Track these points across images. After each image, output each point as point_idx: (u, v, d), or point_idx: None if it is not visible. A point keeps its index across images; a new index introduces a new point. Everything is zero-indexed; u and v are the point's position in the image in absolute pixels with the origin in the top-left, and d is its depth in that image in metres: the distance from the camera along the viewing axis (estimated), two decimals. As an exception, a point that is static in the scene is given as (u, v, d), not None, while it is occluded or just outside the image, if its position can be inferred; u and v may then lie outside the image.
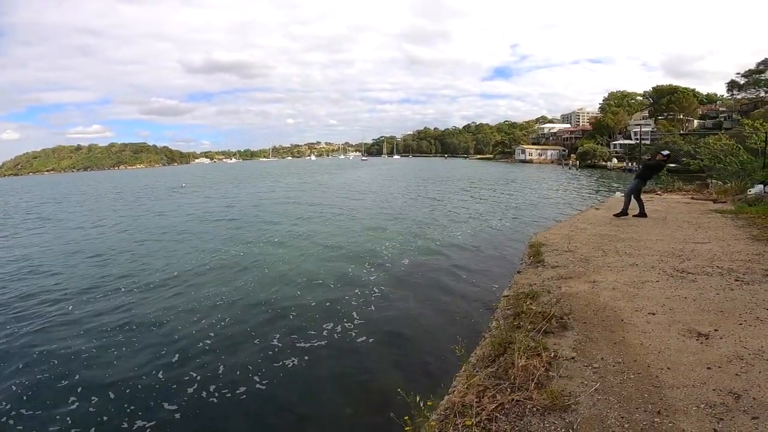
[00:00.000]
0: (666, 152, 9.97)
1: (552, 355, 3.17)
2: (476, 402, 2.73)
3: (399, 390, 3.32)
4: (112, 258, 10.90)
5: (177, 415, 4.21)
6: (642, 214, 8.99)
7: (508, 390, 2.80)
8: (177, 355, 5.43)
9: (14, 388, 4.81)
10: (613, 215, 9.12)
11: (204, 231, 14.77)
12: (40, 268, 10.10)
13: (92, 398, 4.59)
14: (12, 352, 5.70)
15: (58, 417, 4.30)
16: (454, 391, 3.10)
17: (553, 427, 2.36)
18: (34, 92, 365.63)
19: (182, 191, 34.84)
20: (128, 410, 4.34)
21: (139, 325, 6.50)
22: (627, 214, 9.02)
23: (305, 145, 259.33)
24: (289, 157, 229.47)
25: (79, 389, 4.73)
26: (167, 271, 9.36)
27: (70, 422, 4.22)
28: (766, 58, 27.56)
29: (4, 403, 4.46)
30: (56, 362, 5.39)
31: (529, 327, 3.68)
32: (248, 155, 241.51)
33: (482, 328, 4.94)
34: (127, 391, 4.69)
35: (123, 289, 8.24)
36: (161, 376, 4.93)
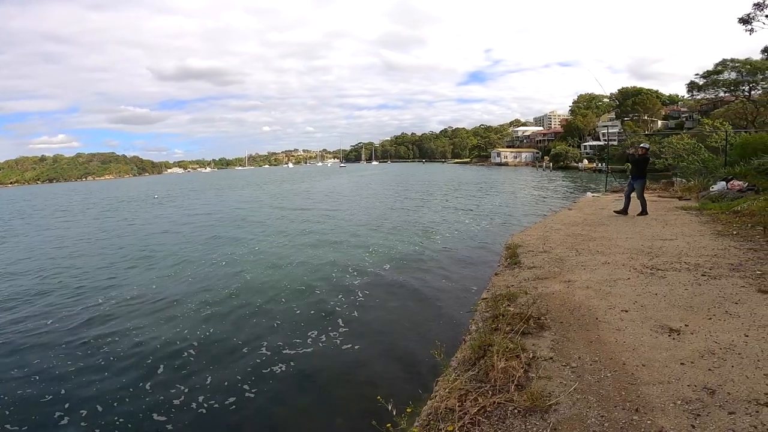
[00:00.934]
0: (646, 145, 10.29)
1: (530, 356, 3.19)
2: (458, 406, 2.71)
3: (379, 397, 3.27)
4: (94, 270, 10.44)
5: (168, 426, 4.17)
6: (645, 212, 9.28)
7: (490, 393, 2.79)
8: (162, 367, 5.35)
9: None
10: (614, 212, 9.60)
11: (181, 242, 14.37)
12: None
13: (81, 412, 4.51)
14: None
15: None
16: (436, 395, 3.08)
17: (534, 429, 2.36)
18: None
19: (154, 202, 33.81)
20: (117, 422, 4.28)
21: (123, 337, 6.35)
22: (627, 213, 9.37)
23: (282, 152, 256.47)
24: (266, 166, 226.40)
25: (66, 405, 4.65)
26: (145, 284, 9.07)
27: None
28: (723, 59, 29.05)
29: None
30: (38, 378, 5.26)
31: (507, 329, 3.70)
32: (224, 164, 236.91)
33: (462, 331, 4.94)
34: (115, 404, 4.61)
35: (102, 303, 8.00)
36: (148, 388, 4.86)
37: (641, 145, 10.33)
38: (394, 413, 2.91)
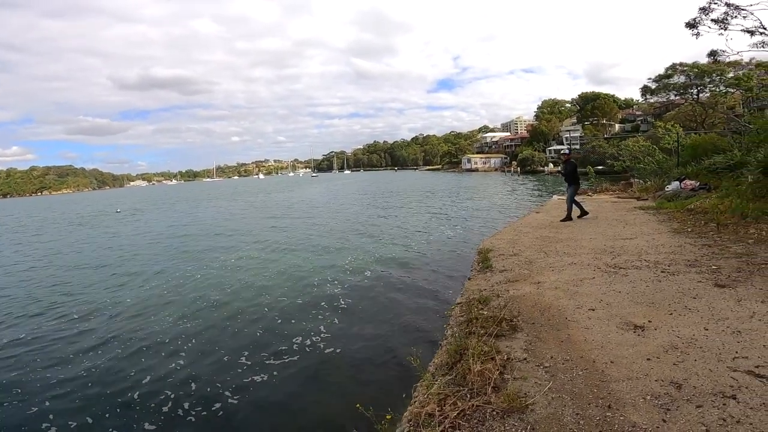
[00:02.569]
0: (566, 149, 10.71)
1: (505, 357, 3.24)
2: (438, 411, 2.71)
3: (358, 406, 3.23)
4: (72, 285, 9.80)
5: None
6: (569, 218, 9.55)
7: (468, 396, 2.81)
8: (149, 377, 5.27)
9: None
10: (560, 221, 9.60)
11: (153, 255, 13.82)
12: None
13: (69, 423, 4.41)
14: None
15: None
16: (415, 401, 3.07)
17: (514, 430, 2.40)
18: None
19: (117, 217, 32.33)
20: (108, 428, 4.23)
21: (105, 349, 6.20)
22: (572, 219, 9.54)
23: (252, 163, 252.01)
24: (236, 177, 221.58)
25: (51, 416, 4.58)
26: (123, 298, 8.82)
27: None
28: (673, 64, 30.70)
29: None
30: (21, 390, 5.16)
31: (481, 332, 3.75)
32: (191, 176, 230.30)
33: (438, 336, 4.97)
34: (106, 414, 4.54)
35: (75, 315, 7.76)
36: (136, 397, 4.81)
37: (562, 151, 10.73)
38: (374, 420, 2.88)
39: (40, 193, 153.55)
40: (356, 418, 3.41)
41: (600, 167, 30.28)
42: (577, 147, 52.40)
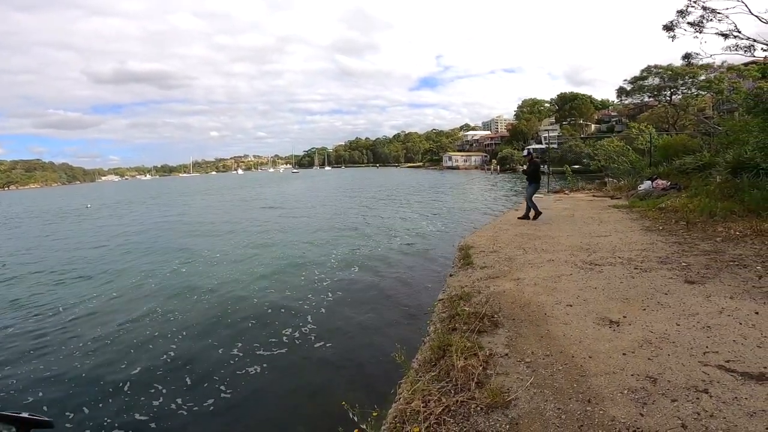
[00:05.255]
0: (525, 150, 11.01)
1: (488, 353, 3.28)
2: (423, 407, 2.73)
3: (343, 403, 3.22)
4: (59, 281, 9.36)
5: (152, 425, 4.15)
6: (527, 216, 9.68)
7: (452, 392, 2.84)
8: (139, 368, 5.26)
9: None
10: (530, 219, 9.71)
11: (138, 249, 13.48)
12: None
13: (66, 414, 4.39)
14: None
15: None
16: (400, 398, 3.08)
17: (498, 425, 2.43)
18: None
19: (87, 213, 31.14)
20: (102, 422, 4.19)
21: (95, 342, 6.20)
22: (529, 218, 9.64)
23: (231, 158, 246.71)
24: (213, 172, 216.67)
25: (44, 407, 4.55)
26: (110, 293, 8.74)
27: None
28: (648, 66, 31.55)
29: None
30: (14, 382, 5.12)
31: (464, 328, 3.80)
32: (166, 171, 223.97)
33: (422, 332, 5.00)
34: (100, 405, 4.52)
35: (59, 310, 7.60)
36: (128, 390, 4.81)
37: (524, 152, 11.00)
38: (358, 419, 2.88)
39: (6, 188, 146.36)
40: (341, 415, 3.40)
41: (576, 166, 31.07)
42: (555, 146, 53.48)
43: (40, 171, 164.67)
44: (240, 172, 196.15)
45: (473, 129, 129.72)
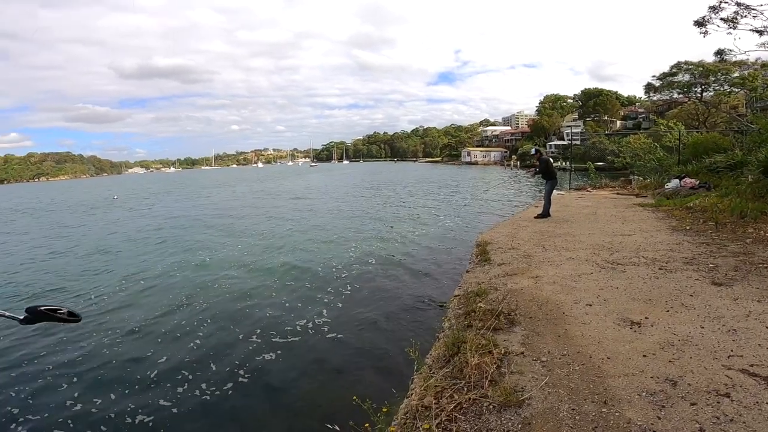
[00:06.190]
0: (532, 150, 10.85)
1: (502, 351, 3.24)
2: (435, 404, 2.73)
3: (355, 398, 3.24)
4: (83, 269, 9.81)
5: (174, 410, 4.31)
6: (545, 215, 9.46)
7: (465, 389, 2.82)
8: (165, 357, 5.46)
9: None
10: (535, 217, 9.55)
11: (163, 240, 13.96)
12: None
13: (94, 400, 4.56)
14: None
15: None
16: (412, 393, 3.08)
17: (510, 423, 2.40)
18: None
19: (116, 204, 32.20)
20: (129, 407, 4.36)
21: (123, 326, 6.47)
22: (549, 215, 9.46)
23: (252, 152, 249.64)
24: (234, 165, 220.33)
25: (75, 393, 4.72)
26: (137, 277, 9.22)
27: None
28: (678, 62, 30.53)
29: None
30: (49, 368, 5.25)
31: (479, 325, 3.76)
32: (189, 164, 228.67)
33: (436, 327, 5.00)
34: (126, 391, 4.69)
35: (91, 297, 8.02)
36: (153, 376, 4.99)
37: (531, 151, 10.83)
38: (369, 413, 2.89)
39: (37, 180, 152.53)
40: (353, 408, 3.42)
41: (600, 163, 30.27)
42: (578, 142, 52.22)
43: (69, 163, 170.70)
44: (260, 165, 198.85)
45: (492, 124, 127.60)
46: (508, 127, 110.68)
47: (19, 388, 4.88)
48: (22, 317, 1.20)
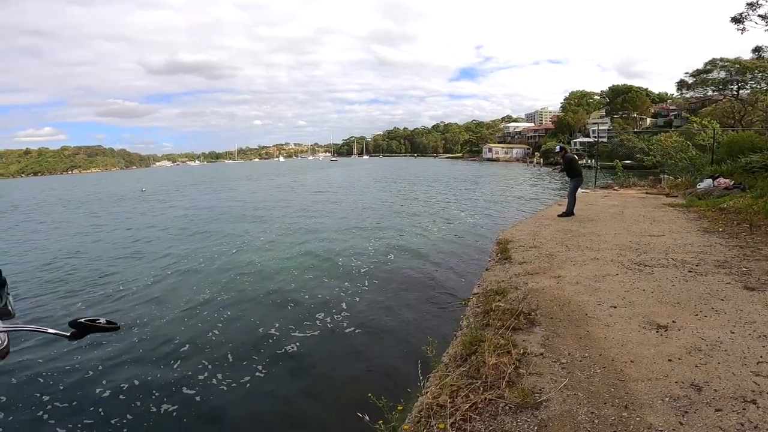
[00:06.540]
0: (557, 147, 10.55)
1: (521, 352, 3.19)
2: (450, 402, 2.70)
3: (370, 395, 3.25)
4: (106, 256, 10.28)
5: (197, 398, 4.45)
6: (569, 213, 9.21)
7: (481, 389, 2.79)
8: (188, 345, 5.63)
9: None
10: (558, 215, 9.30)
11: (187, 233, 14.39)
12: None
13: (128, 378, 4.78)
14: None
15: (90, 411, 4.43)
16: (427, 392, 3.07)
17: (526, 425, 2.35)
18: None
19: (143, 196, 33.30)
20: (154, 395, 4.51)
21: (146, 322, 6.62)
22: (573, 214, 9.21)
23: (273, 146, 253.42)
24: (256, 159, 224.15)
25: (100, 367, 4.98)
26: (161, 271, 9.46)
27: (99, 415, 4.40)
28: (713, 59, 29.25)
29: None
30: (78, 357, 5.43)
31: (498, 324, 3.70)
32: (213, 157, 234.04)
33: (454, 326, 4.96)
34: (149, 378, 4.86)
35: (112, 289, 8.28)
36: (177, 366, 5.15)
37: (556, 149, 10.55)
38: (388, 406, 2.90)
39: (70, 172, 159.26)
40: (367, 403, 3.44)
41: (628, 161, 29.30)
42: (605, 140, 50.69)
43: (100, 156, 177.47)
44: (281, 159, 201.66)
45: (515, 121, 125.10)
46: (531, 124, 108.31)
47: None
48: (69, 334, 1.22)
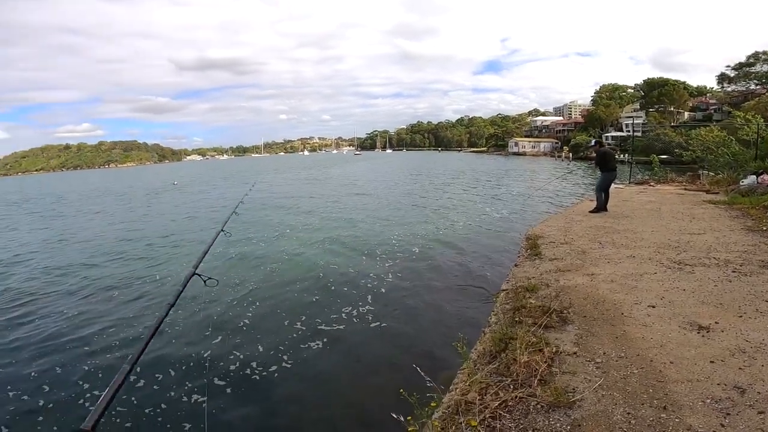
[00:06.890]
0: (593, 140, 10.23)
1: (554, 350, 3.14)
2: (479, 400, 2.69)
3: (401, 390, 3.26)
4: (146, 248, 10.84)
5: (228, 390, 4.56)
6: (601, 209, 8.96)
7: (511, 387, 2.77)
8: (219, 337, 5.78)
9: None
10: (590, 211, 9.05)
11: (217, 224, 14.87)
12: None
13: (157, 374, 4.89)
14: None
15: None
16: (456, 388, 3.07)
17: (558, 424, 2.33)
18: (20, 92, 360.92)
19: (175, 189, 34.51)
20: (186, 386, 4.64)
21: (181, 311, 6.70)
22: (606, 209, 8.96)
23: (298, 140, 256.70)
24: (282, 153, 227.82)
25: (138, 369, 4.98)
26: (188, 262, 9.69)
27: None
28: (756, 52, 27.65)
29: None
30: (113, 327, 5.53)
31: (529, 321, 3.66)
32: (240, 151, 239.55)
33: (481, 322, 4.92)
34: (183, 368, 5.01)
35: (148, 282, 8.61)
36: (207, 356, 5.26)
37: (590, 144, 10.29)
38: (418, 402, 2.92)
39: (107, 166, 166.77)
40: (397, 401, 3.43)
41: (665, 156, 28.03)
42: (639, 134, 48.58)
43: (135, 151, 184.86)
44: (306, 153, 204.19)
45: (543, 114, 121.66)
46: (560, 118, 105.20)
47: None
48: None
